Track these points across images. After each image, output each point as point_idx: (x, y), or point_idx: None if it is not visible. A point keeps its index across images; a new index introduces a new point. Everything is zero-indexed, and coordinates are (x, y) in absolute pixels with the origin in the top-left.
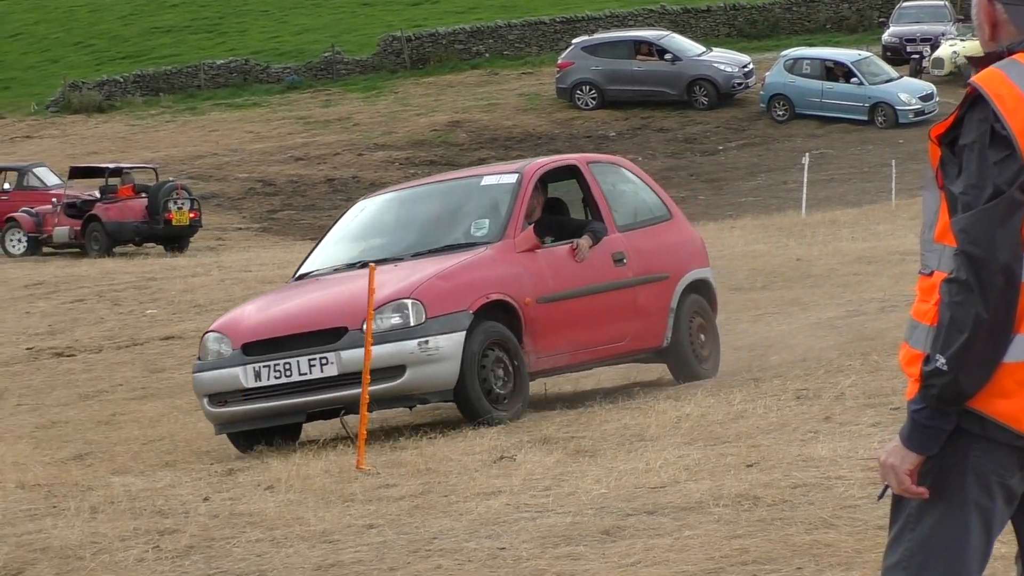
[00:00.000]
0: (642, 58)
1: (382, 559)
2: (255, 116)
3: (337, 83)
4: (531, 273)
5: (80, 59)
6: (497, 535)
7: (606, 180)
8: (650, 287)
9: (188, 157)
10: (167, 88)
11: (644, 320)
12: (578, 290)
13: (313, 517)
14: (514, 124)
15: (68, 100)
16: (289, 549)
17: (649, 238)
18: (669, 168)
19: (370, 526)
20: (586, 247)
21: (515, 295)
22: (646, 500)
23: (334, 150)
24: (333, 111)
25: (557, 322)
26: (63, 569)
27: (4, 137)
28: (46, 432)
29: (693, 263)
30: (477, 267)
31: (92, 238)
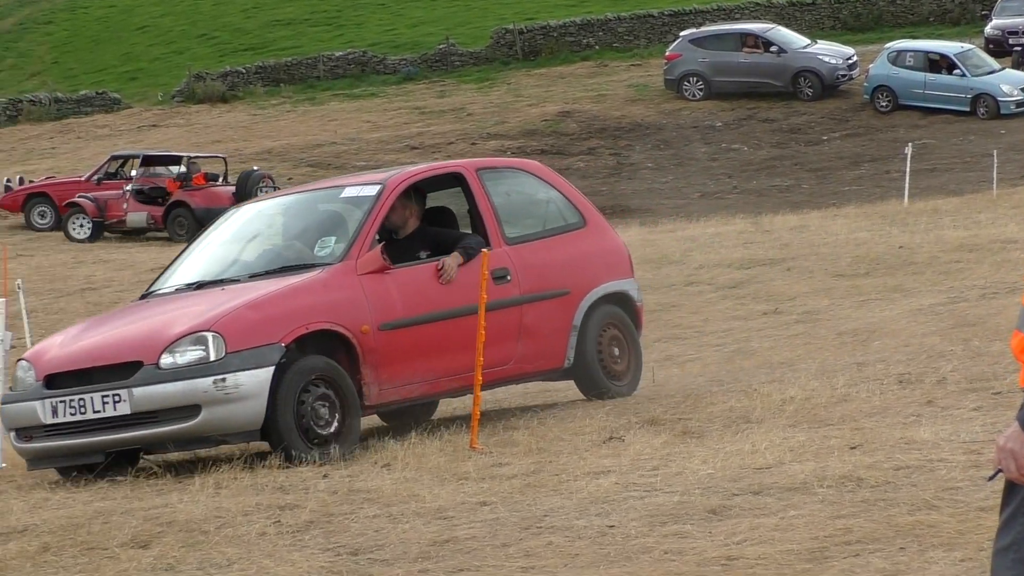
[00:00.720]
0: (748, 50)
1: (495, 535)
2: (372, 106)
3: (451, 74)
4: (373, 298)
5: (204, 51)
6: (606, 513)
7: (499, 188)
8: (543, 305)
9: (307, 146)
10: (287, 79)
11: (535, 341)
12: (440, 313)
13: (428, 494)
14: (623, 114)
15: (192, 90)
16: (405, 525)
17: (547, 250)
18: (774, 157)
19: (483, 503)
20: (453, 266)
21: (348, 323)
22: (751, 480)
23: (448, 139)
24: (447, 101)
25: (410, 349)
26: (188, 542)
27: (132, 126)
28: None
29: (606, 276)
30: (301, 293)
31: (177, 223)
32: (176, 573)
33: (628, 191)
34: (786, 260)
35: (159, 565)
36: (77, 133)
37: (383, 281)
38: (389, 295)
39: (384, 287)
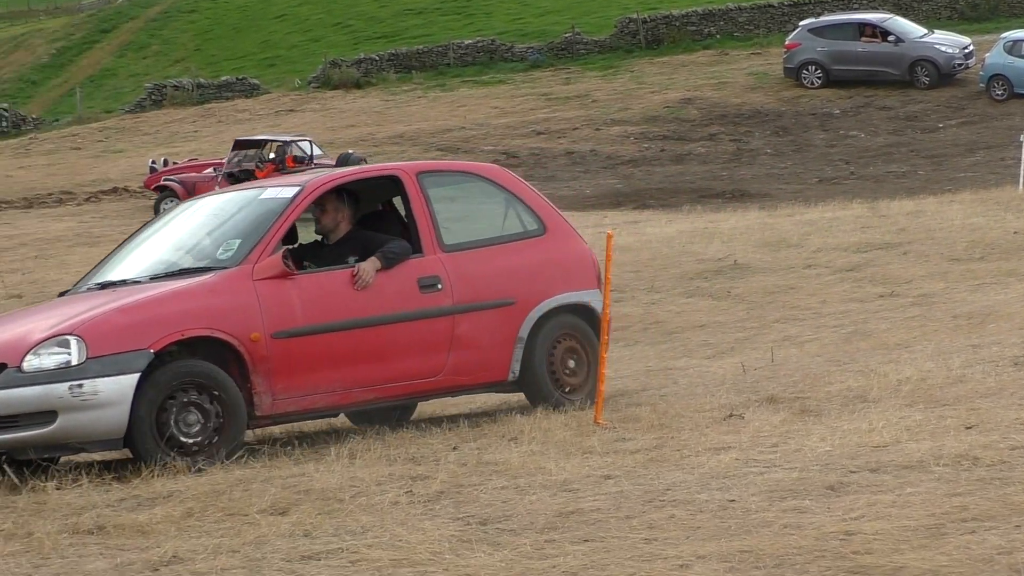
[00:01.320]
0: (866, 40)
1: (619, 508)
2: (500, 92)
3: (577, 62)
4: (268, 304)
5: (339, 39)
6: (727, 488)
7: (443, 194)
8: (482, 315)
9: (437, 131)
10: (419, 66)
11: (471, 352)
12: (351, 321)
13: (554, 467)
14: (743, 101)
15: (328, 76)
16: (532, 496)
17: (492, 259)
18: (891, 144)
19: (607, 477)
20: (370, 271)
21: (234, 330)
22: (869, 458)
23: (573, 125)
24: (573, 88)
25: (311, 359)
26: (324, 510)
27: (270, 111)
28: None
29: (562, 286)
30: (181, 298)
31: None
32: (313, 539)
33: (747, 176)
34: (902, 244)
35: (297, 531)
36: (218, 117)
37: (283, 287)
38: (288, 302)
39: (283, 294)
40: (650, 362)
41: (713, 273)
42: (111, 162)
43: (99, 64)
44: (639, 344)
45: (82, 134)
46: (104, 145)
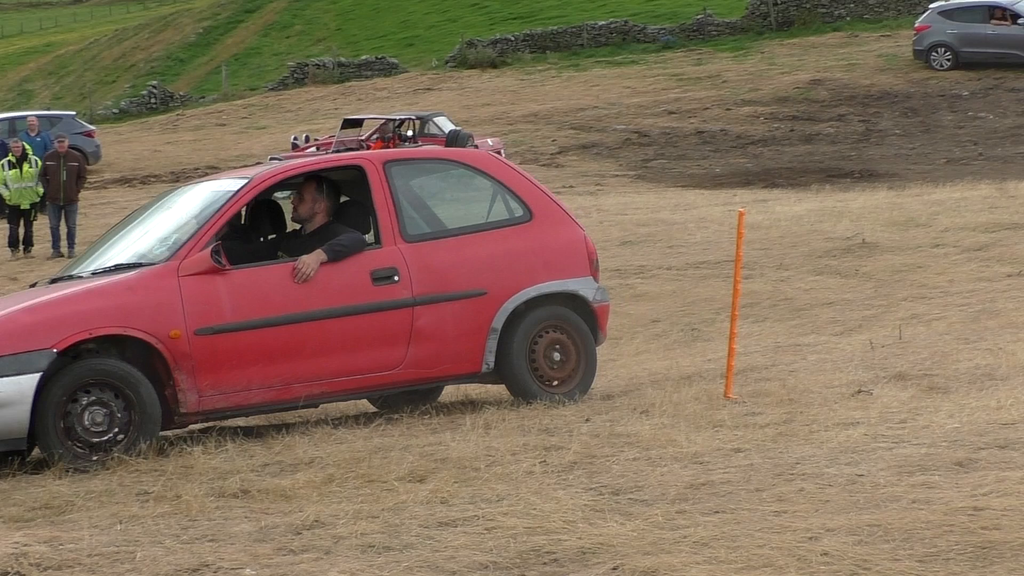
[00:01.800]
0: (996, 22)
1: (749, 480)
2: (632, 73)
3: (708, 43)
4: (192, 301)
5: (476, 19)
6: (856, 462)
7: (413, 183)
8: (447, 306)
9: (571, 110)
10: (553, 46)
11: (436, 344)
12: (290, 316)
13: (685, 440)
14: (872, 83)
15: (464, 56)
16: (663, 468)
17: (462, 248)
18: (1019, 126)
19: (737, 450)
20: (310, 265)
21: (150, 328)
22: (997, 435)
23: (704, 105)
24: (704, 69)
25: (242, 355)
26: (461, 478)
27: (408, 89)
28: None
29: (544, 274)
30: (94, 296)
31: None
32: (449, 507)
33: (876, 156)
34: None
35: (434, 498)
36: (358, 95)
37: (211, 283)
38: (215, 298)
39: (211, 289)
40: (779, 338)
41: (841, 251)
42: (255, 138)
43: (244, 43)
44: (768, 320)
45: (227, 111)
46: (248, 121)
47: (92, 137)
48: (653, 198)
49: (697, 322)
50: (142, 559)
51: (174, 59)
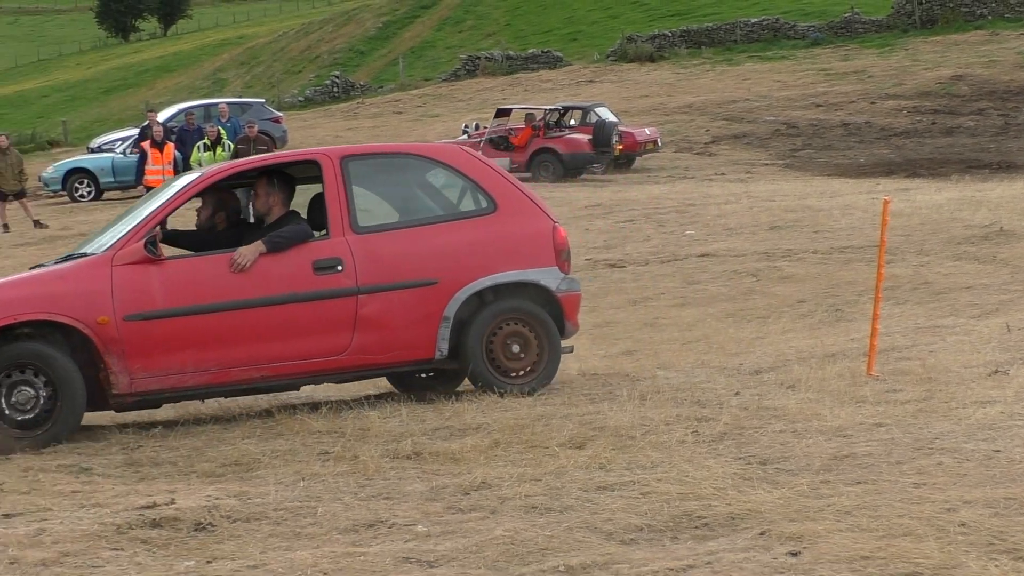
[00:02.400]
0: None
1: (890, 453)
2: (783, 67)
3: (855, 40)
4: (122, 289)
5: (636, 16)
6: (992, 439)
7: (370, 177)
8: (396, 295)
9: (723, 102)
10: (708, 42)
11: (383, 332)
12: (222, 304)
13: (829, 414)
14: (1012, 79)
15: (624, 51)
16: (808, 440)
17: (412, 239)
18: None
19: (879, 424)
20: (247, 256)
21: (78, 314)
22: None
23: (850, 98)
24: (850, 64)
25: (173, 340)
26: (618, 445)
27: (571, 81)
28: (601, 330)
29: (502, 264)
30: (27, 283)
31: (543, 167)
32: (607, 472)
33: (1014, 149)
34: None
35: (592, 464)
36: (524, 86)
37: (144, 272)
38: (146, 286)
39: (141, 278)
40: (919, 320)
41: (980, 239)
42: (428, 125)
43: (420, 37)
44: (908, 303)
45: (403, 99)
46: (423, 110)
47: (280, 123)
48: (800, 186)
49: (841, 303)
50: (323, 514)
51: (355, 51)
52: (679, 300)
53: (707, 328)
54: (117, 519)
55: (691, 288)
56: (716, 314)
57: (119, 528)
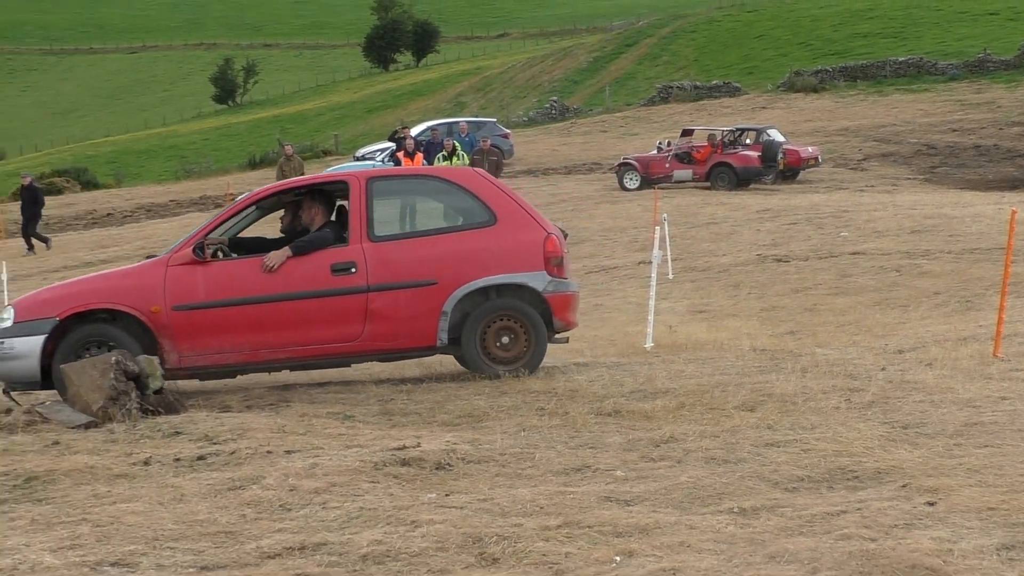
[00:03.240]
0: None
1: (1013, 422)
2: (924, 99)
3: (986, 76)
4: (172, 285)
5: (802, 54)
6: None
7: (390, 194)
8: (400, 293)
9: (873, 126)
10: (863, 76)
11: (390, 323)
12: (254, 298)
13: (961, 388)
14: None
15: (792, 83)
16: (943, 409)
17: (418, 247)
18: None
19: (1003, 398)
20: (276, 259)
21: (135, 304)
22: None
23: (981, 125)
24: (982, 96)
25: (213, 326)
26: (783, 409)
27: (747, 107)
28: (768, 313)
29: (495, 268)
30: (98, 279)
31: (719, 178)
32: (774, 431)
33: None
34: None
35: (762, 424)
36: (708, 111)
37: (191, 272)
38: (192, 283)
39: (189, 276)
40: None
41: None
42: (628, 142)
43: (623, 69)
44: None
45: (608, 120)
46: (624, 129)
47: (507, 138)
48: (937, 197)
49: (971, 295)
50: (539, 459)
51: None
52: (834, 290)
53: (857, 314)
54: (374, 457)
55: (844, 280)
56: (865, 302)
57: (375, 465)
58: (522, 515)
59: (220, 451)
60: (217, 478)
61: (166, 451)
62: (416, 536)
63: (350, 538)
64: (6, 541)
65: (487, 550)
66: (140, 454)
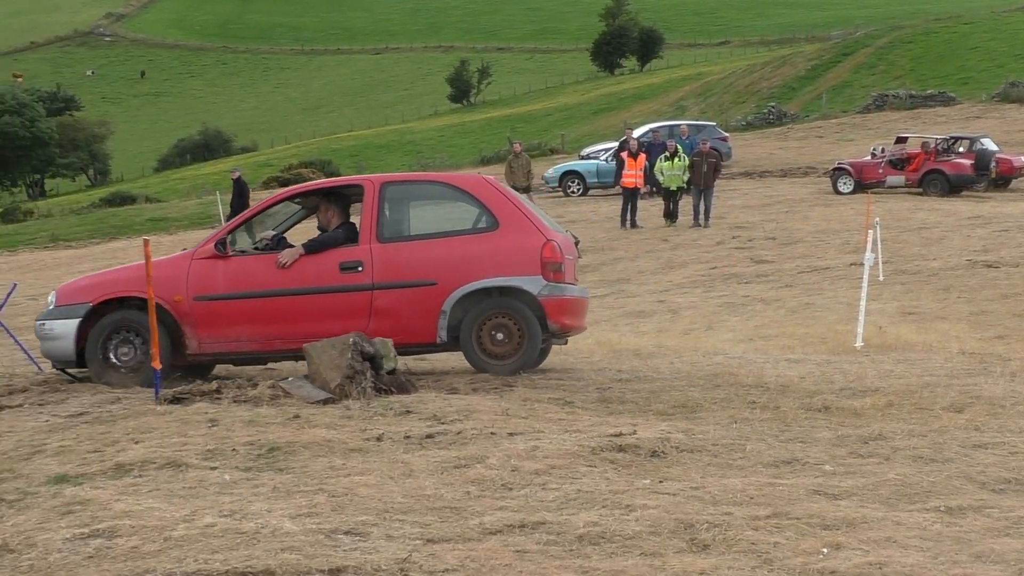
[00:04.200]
0: None
1: None
2: None
3: None
4: (195, 277)
5: (1018, 66)
6: None
7: (401, 199)
8: (403, 292)
9: None
10: None
11: (392, 319)
12: (267, 291)
13: None
14: None
15: (1007, 93)
16: None
17: (421, 249)
18: None
19: None
20: (288, 256)
21: (160, 293)
22: None
23: None
24: None
25: (230, 316)
26: (991, 412)
27: (961, 116)
28: (977, 318)
29: (492, 271)
30: (131, 270)
31: (931, 184)
32: (981, 433)
33: None
34: None
35: (969, 426)
36: (922, 120)
37: (212, 266)
38: (212, 276)
39: (210, 270)
40: None
41: None
42: (842, 148)
43: (840, 78)
44: None
45: (824, 126)
46: (839, 135)
47: (727, 141)
48: None
49: None
50: (750, 451)
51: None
52: None
53: None
54: (592, 443)
55: None
56: None
57: (593, 450)
58: (732, 504)
59: (447, 431)
60: (444, 456)
61: (397, 428)
62: (630, 520)
63: (567, 519)
64: (250, 506)
65: (698, 536)
66: (373, 430)
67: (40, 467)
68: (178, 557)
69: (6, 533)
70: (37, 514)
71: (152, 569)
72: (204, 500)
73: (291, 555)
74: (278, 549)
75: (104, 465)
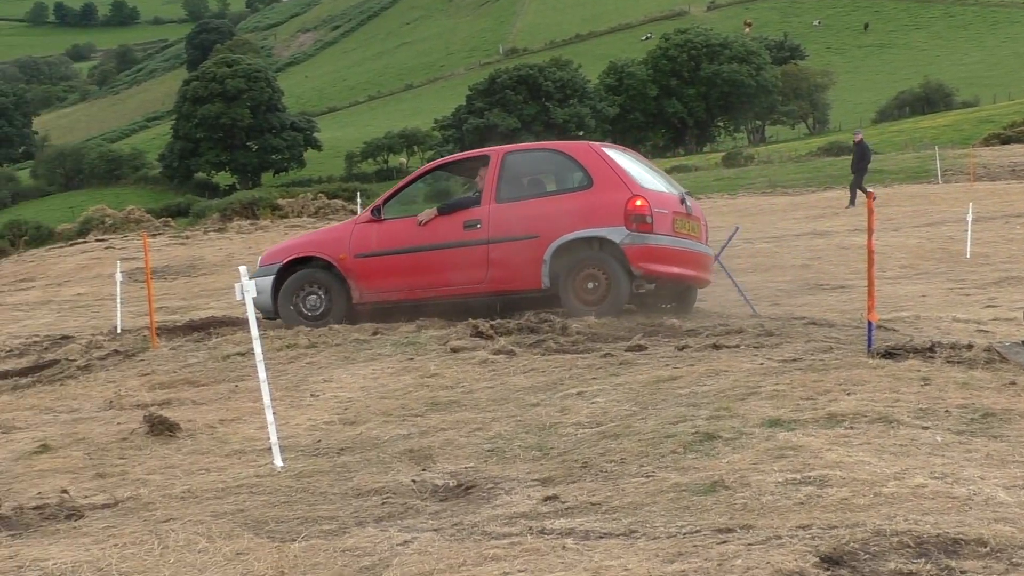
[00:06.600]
0: None
1: None
2: None
3: None
4: (356, 238)
5: None
6: None
7: (519, 165)
8: (512, 244)
9: None
10: None
11: (504, 269)
12: (408, 248)
13: None
14: None
15: None
16: None
17: (528, 207)
18: None
19: None
20: (426, 216)
21: (330, 253)
22: None
23: None
24: None
25: (382, 269)
26: None
27: None
28: None
29: (582, 224)
30: (316, 234)
31: None
32: None
33: None
34: None
35: None
36: None
37: (369, 228)
38: (368, 236)
39: (368, 231)
40: None
41: None
42: None
43: None
44: None
45: None
46: None
47: None
48: None
49: None
50: None
51: None
52: None
53: None
54: None
55: None
56: None
57: None
58: None
59: None
60: None
61: None
62: None
63: None
64: (962, 471)
65: None
66: None
67: (755, 409)
68: (888, 514)
69: (722, 469)
70: (751, 455)
71: (861, 523)
72: (915, 459)
73: (1005, 527)
74: (991, 519)
75: (816, 413)
